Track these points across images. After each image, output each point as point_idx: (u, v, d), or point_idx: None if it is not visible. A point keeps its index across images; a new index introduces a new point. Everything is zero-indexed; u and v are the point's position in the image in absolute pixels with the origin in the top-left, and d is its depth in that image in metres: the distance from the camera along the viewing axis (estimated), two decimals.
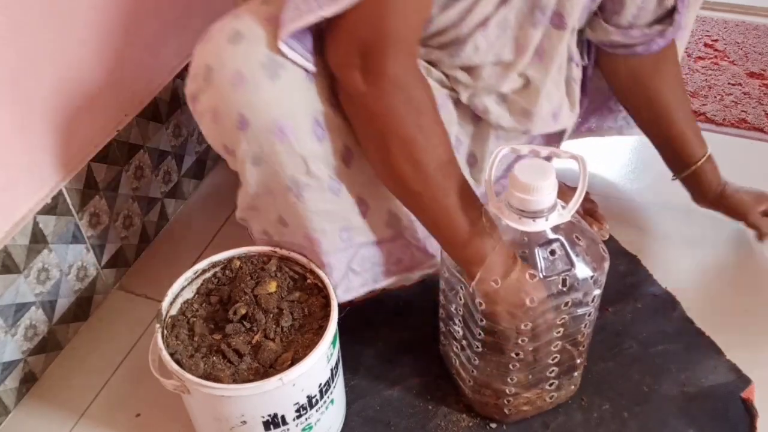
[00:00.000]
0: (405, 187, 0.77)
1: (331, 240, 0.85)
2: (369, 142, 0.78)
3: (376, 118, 0.74)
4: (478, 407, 0.89)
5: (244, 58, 0.75)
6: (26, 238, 0.91)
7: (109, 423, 0.93)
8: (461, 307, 0.81)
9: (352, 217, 0.86)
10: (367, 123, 0.76)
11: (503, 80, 0.88)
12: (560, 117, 0.97)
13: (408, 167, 0.75)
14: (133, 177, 1.09)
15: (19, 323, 0.92)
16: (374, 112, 0.74)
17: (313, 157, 0.80)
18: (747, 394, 0.91)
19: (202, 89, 0.78)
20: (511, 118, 0.93)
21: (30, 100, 0.89)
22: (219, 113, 0.78)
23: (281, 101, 0.76)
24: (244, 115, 0.76)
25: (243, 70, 0.75)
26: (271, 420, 0.76)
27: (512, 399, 0.85)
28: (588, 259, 0.76)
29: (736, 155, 1.32)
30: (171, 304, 0.82)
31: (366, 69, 0.72)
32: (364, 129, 0.77)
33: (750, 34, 1.63)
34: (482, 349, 0.81)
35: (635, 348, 0.97)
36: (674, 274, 1.08)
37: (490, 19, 0.82)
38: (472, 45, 0.84)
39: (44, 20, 0.88)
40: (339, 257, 0.87)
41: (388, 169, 0.77)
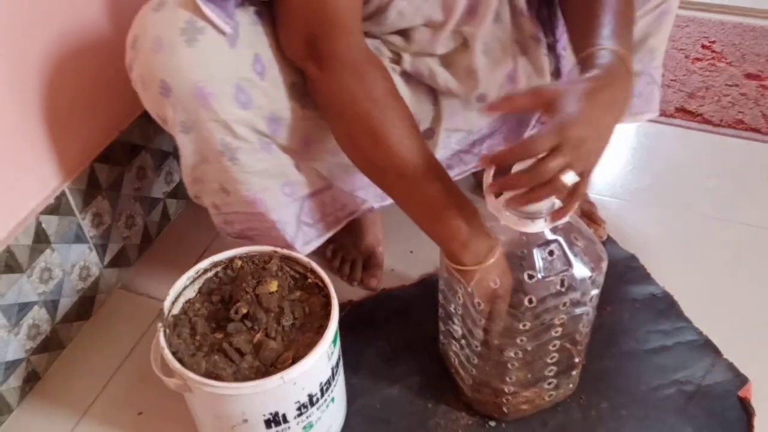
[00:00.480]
0: (369, 162, 0.79)
1: (274, 196, 0.88)
2: (333, 126, 0.80)
3: (332, 100, 0.77)
4: (477, 406, 0.90)
5: (164, 24, 0.76)
6: (29, 237, 0.91)
7: (112, 421, 0.93)
8: (460, 306, 0.82)
9: (289, 172, 0.89)
10: (327, 107, 0.78)
11: (436, 41, 0.87)
12: (518, 80, 0.93)
13: (368, 142, 0.77)
14: (136, 177, 1.09)
15: (22, 322, 0.93)
16: (329, 94, 0.77)
17: (237, 123, 0.80)
18: (744, 392, 0.92)
19: (132, 59, 0.79)
20: (456, 81, 0.91)
21: (32, 100, 0.90)
22: (145, 80, 0.79)
23: (199, 66, 0.76)
24: (165, 80, 0.77)
25: (162, 36, 0.75)
26: (272, 418, 0.77)
27: (511, 398, 0.86)
28: (586, 259, 0.77)
29: (734, 156, 1.32)
30: (173, 304, 0.82)
31: (316, 56, 0.75)
32: (326, 113, 0.80)
33: (747, 35, 1.63)
34: (481, 348, 0.81)
35: (633, 347, 0.98)
36: (672, 274, 1.08)
37: None
38: (395, 11, 0.83)
39: (45, 21, 0.89)
40: (287, 212, 0.89)
41: (351, 145, 0.79)
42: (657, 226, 1.18)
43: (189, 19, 0.75)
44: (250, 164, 0.84)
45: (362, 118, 0.76)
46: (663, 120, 1.40)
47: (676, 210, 1.21)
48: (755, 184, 1.26)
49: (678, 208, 1.21)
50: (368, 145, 0.77)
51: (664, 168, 1.30)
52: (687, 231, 1.17)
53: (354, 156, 0.81)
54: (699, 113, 1.42)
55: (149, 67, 0.77)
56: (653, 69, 1.02)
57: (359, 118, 0.76)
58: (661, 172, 1.29)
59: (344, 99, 0.76)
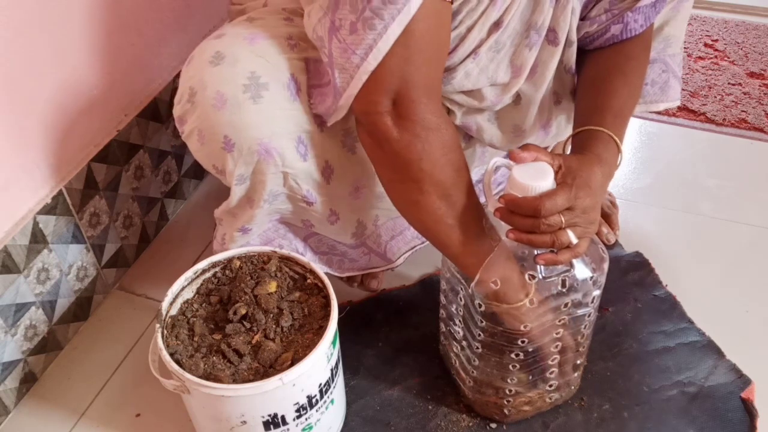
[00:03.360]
0: (438, 222, 0.76)
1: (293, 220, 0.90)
2: (397, 185, 0.78)
3: (411, 164, 0.73)
4: (478, 407, 0.89)
5: (225, 80, 0.76)
6: (26, 238, 0.91)
7: (109, 423, 0.93)
8: (461, 307, 0.81)
9: (320, 222, 0.90)
10: (399, 168, 0.75)
11: (500, 102, 0.88)
12: (550, 129, 0.96)
13: (444, 205, 0.75)
14: (133, 177, 1.09)
15: (19, 323, 0.92)
16: (409, 158, 0.73)
17: (295, 174, 0.82)
18: (747, 394, 0.91)
19: (187, 111, 0.80)
20: (502, 137, 0.93)
21: (30, 100, 0.89)
22: (204, 135, 0.79)
23: (265, 122, 0.77)
24: (228, 136, 0.77)
25: (224, 92, 0.76)
26: (271, 420, 0.76)
27: (512, 399, 0.85)
28: (587, 260, 0.76)
29: (736, 155, 1.32)
30: (171, 304, 0.82)
31: (398, 115, 0.72)
32: (393, 173, 0.77)
33: (750, 34, 1.63)
34: (482, 350, 0.81)
35: (635, 348, 0.97)
36: (675, 275, 1.08)
37: (482, 45, 0.82)
38: (463, 72, 0.83)
39: (44, 20, 0.88)
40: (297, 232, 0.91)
41: (421, 208, 0.76)
42: (659, 226, 1.17)
43: (251, 75, 0.76)
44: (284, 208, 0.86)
45: (443, 183, 0.74)
46: (665, 119, 1.39)
47: (678, 210, 1.20)
48: (758, 183, 1.25)
49: (680, 207, 1.21)
50: (443, 207, 0.75)
51: (666, 167, 1.29)
52: (689, 231, 1.16)
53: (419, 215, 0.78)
54: (701, 112, 1.42)
55: (211, 123, 0.77)
56: (668, 57, 1.00)
57: (440, 183, 0.74)
58: (663, 171, 1.29)
59: (424, 164, 0.73)
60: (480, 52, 0.82)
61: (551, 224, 0.69)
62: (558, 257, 0.72)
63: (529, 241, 0.71)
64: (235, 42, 0.78)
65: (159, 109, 1.12)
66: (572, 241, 0.71)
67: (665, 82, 1.02)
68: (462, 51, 0.81)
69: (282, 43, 0.80)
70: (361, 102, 0.73)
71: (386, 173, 0.78)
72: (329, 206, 0.88)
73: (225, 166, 0.81)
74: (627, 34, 0.87)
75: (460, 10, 0.78)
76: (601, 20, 0.86)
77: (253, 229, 0.89)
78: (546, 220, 0.69)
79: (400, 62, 0.70)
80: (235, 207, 0.87)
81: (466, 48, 0.81)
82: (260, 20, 0.83)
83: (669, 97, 1.04)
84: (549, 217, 0.69)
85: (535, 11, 0.81)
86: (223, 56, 0.76)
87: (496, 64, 0.84)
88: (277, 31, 0.81)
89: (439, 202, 0.75)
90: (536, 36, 0.83)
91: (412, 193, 0.76)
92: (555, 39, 0.85)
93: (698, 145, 1.34)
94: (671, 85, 1.03)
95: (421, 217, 0.78)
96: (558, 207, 0.69)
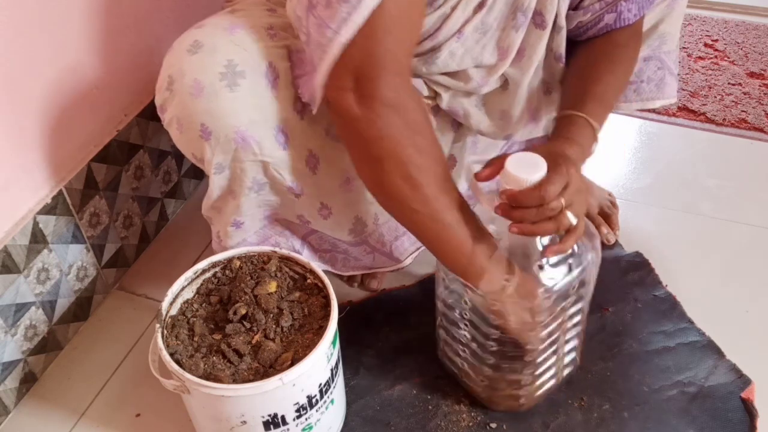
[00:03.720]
0: (402, 206, 0.76)
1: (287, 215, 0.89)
2: (363, 165, 0.77)
3: (372, 142, 0.72)
4: (494, 404, 0.89)
5: (203, 68, 0.76)
6: (26, 238, 0.91)
7: (109, 423, 0.93)
8: (467, 311, 0.81)
9: (313, 216, 0.89)
10: (363, 147, 0.74)
11: (486, 84, 0.88)
12: (540, 119, 0.95)
13: (406, 187, 0.73)
14: (133, 177, 1.09)
15: (19, 323, 0.92)
16: (370, 135, 0.72)
17: (275, 163, 0.81)
18: (747, 394, 0.91)
19: (167, 100, 0.80)
20: (490, 123, 0.92)
21: (29, 100, 0.89)
22: (182, 123, 0.79)
23: (242, 110, 0.77)
24: (205, 124, 0.77)
25: (201, 80, 0.76)
26: (271, 420, 0.76)
27: (529, 386, 0.86)
28: (584, 239, 0.77)
29: (736, 155, 1.32)
30: (171, 304, 0.82)
31: (360, 93, 0.71)
32: (359, 152, 0.76)
33: (750, 34, 1.63)
34: (497, 347, 0.81)
35: (635, 348, 0.97)
36: (675, 275, 1.08)
37: (467, 24, 0.81)
38: (447, 51, 0.83)
39: (44, 20, 0.88)
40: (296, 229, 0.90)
41: (385, 189, 0.76)
42: (659, 226, 1.17)
43: (228, 63, 0.76)
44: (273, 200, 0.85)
45: (403, 164, 0.73)
46: (665, 119, 1.39)
47: (678, 210, 1.20)
48: (758, 183, 1.25)
49: (680, 207, 1.21)
50: (406, 189, 0.74)
51: (666, 167, 1.29)
52: (689, 231, 1.16)
53: (385, 197, 0.78)
54: (701, 112, 1.42)
55: (188, 110, 0.77)
56: (663, 54, 1.00)
57: (399, 163, 0.73)
58: (663, 171, 1.29)
59: (385, 143, 0.72)
60: (465, 32, 0.81)
61: (554, 208, 0.70)
62: (563, 245, 0.73)
63: (532, 231, 0.71)
64: (214, 32, 0.78)
65: None
66: (572, 222, 0.72)
67: (661, 79, 1.02)
68: (446, 30, 0.81)
69: (261, 32, 0.79)
70: (328, 79, 0.72)
71: (353, 153, 0.77)
72: (319, 199, 0.87)
73: (203, 155, 0.80)
74: (620, 23, 0.87)
75: None
76: (594, 9, 0.86)
77: (246, 222, 0.89)
78: (549, 206, 0.69)
79: (363, 39, 0.68)
80: (217, 200, 0.87)
81: (450, 27, 0.81)
82: (242, 11, 0.83)
83: (665, 94, 1.03)
84: (551, 202, 0.70)
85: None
86: (201, 45, 0.77)
87: (482, 45, 0.84)
88: (258, 21, 0.81)
89: (401, 182, 0.73)
90: (522, 17, 0.82)
91: (376, 173, 0.75)
92: (542, 22, 0.84)
93: (698, 145, 1.34)
94: (667, 82, 1.03)
95: (387, 202, 0.77)
96: (558, 190, 0.70)
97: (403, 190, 0.74)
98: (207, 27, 0.79)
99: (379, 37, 0.69)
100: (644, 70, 1.00)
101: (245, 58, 0.77)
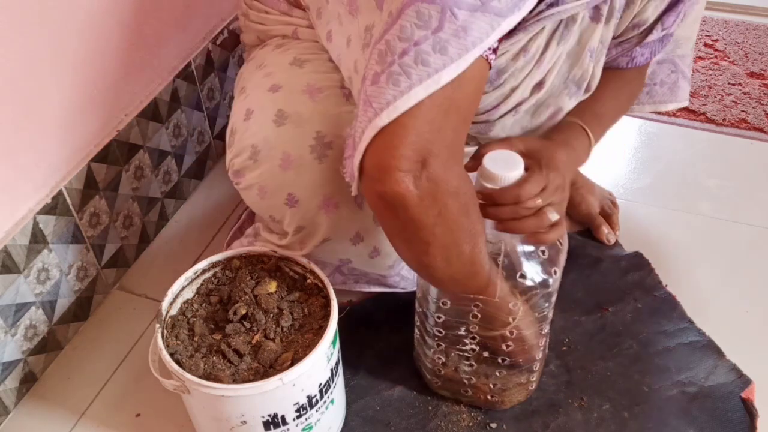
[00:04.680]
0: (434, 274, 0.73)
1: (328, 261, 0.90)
2: (405, 245, 0.72)
3: (423, 228, 0.66)
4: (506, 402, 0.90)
5: (292, 141, 0.77)
6: (26, 238, 0.91)
7: (109, 423, 0.93)
8: (475, 324, 0.81)
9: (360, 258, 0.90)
10: (411, 231, 0.68)
11: None
12: None
13: (444, 265, 0.70)
14: (133, 177, 1.09)
15: (19, 323, 0.92)
16: (423, 222, 0.66)
17: (349, 221, 0.83)
18: (747, 394, 0.91)
19: (248, 167, 0.81)
20: None
21: (29, 99, 0.89)
22: (267, 191, 0.81)
23: (331, 179, 0.78)
24: (293, 194, 0.79)
25: (291, 153, 0.77)
26: (271, 420, 0.76)
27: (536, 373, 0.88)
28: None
29: (736, 155, 1.32)
30: (171, 304, 0.81)
31: (422, 176, 0.64)
32: (404, 235, 0.70)
33: (750, 34, 1.63)
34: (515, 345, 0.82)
35: (635, 348, 0.97)
36: (675, 275, 1.08)
37: (523, 104, 0.81)
38: (500, 126, 0.83)
39: (43, 20, 0.88)
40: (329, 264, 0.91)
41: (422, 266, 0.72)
42: (659, 226, 1.17)
43: (317, 135, 0.77)
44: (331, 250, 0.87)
45: (449, 248, 0.69)
46: (665, 119, 1.39)
47: (678, 210, 1.20)
48: (758, 183, 1.25)
49: (680, 207, 1.21)
50: (443, 266, 0.71)
51: (666, 167, 1.29)
52: (689, 231, 1.16)
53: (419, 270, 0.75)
54: (701, 112, 1.41)
55: (276, 181, 0.79)
56: (677, 57, 1.01)
57: (447, 247, 0.68)
58: (663, 171, 1.29)
59: (438, 230, 0.67)
60: (520, 110, 0.82)
61: (530, 207, 0.72)
62: (546, 236, 0.74)
63: (513, 228, 0.73)
64: (294, 97, 0.79)
65: (159, 109, 1.12)
66: (552, 219, 0.73)
67: (674, 83, 1.02)
68: (503, 108, 0.81)
69: (337, 93, 0.81)
70: (379, 156, 0.64)
71: (396, 235, 0.71)
72: (374, 244, 0.88)
73: (284, 218, 0.83)
74: (631, 65, 0.90)
75: (506, 69, 0.77)
76: (611, 53, 0.87)
77: None
78: (525, 204, 0.71)
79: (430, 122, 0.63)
80: (285, 246, 0.87)
81: (508, 106, 0.81)
82: (309, 63, 0.84)
83: (678, 98, 1.04)
84: (528, 201, 0.71)
85: (575, 67, 0.82)
86: (287, 115, 0.78)
87: (532, 115, 0.84)
88: (330, 79, 0.82)
89: (443, 263, 0.70)
90: (575, 87, 0.83)
91: (416, 253, 0.71)
92: (589, 88, 0.86)
93: (698, 145, 1.34)
94: (680, 86, 1.03)
95: (420, 272, 0.76)
96: (535, 190, 0.72)
97: (440, 268, 0.71)
98: (285, 91, 0.80)
99: (447, 121, 0.64)
100: (657, 72, 1.01)
101: (331, 127, 0.78)
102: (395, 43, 0.62)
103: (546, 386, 0.93)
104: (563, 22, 0.77)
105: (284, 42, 0.90)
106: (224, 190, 1.26)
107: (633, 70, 0.91)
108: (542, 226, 0.73)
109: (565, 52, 0.80)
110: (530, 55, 0.76)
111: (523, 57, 0.76)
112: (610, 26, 0.81)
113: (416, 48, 0.61)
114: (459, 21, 0.60)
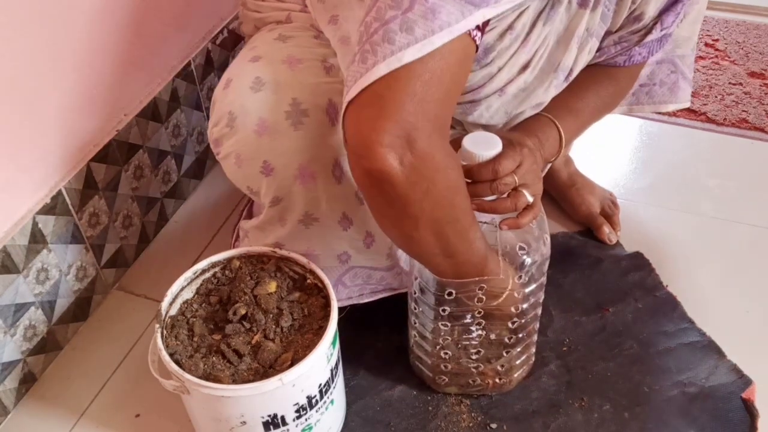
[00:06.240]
0: (425, 254, 0.74)
1: (327, 259, 0.88)
2: (392, 222, 0.71)
3: (411, 203, 0.66)
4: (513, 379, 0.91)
5: (267, 107, 0.77)
6: (25, 238, 0.90)
7: (109, 423, 0.92)
8: (481, 309, 0.81)
9: (356, 248, 0.88)
10: (398, 207, 0.67)
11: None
12: None
13: (434, 240, 0.71)
14: (133, 177, 1.09)
15: (19, 323, 0.92)
16: (411, 197, 0.66)
17: (330, 197, 0.82)
18: (748, 394, 0.91)
19: (225, 135, 0.80)
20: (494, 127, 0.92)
21: (29, 100, 0.89)
22: (243, 159, 0.80)
23: (305, 148, 0.78)
24: (268, 161, 0.78)
25: (266, 118, 0.77)
26: (270, 420, 0.76)
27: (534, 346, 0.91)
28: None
29: (737, 155, 1.32)
30: (170, 305, 0.81)
31: (407, 152, 0.63)
32: (391, 211, 0.69)
33: (751, 33, 1.63)
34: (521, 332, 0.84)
35: (636, 348, 0.97)
36: (675, 275, 1.08)
37: (510, 84, 0.81)
38: (485, 105, 0.83)
39: (43, 20, 0.88)
40: (331, 272, 0.89)
41: (412, 243, 0.72)
42: (659, 226, 1.17)
43: (293, 102, 0.77)
44: (323, 234, 0.85)
45: (439, 222, 0.69)
46: (665, 119, 1.39)
47: (678, 210, 1.20)
48: (759, 183, 1.25)
49: (680, 207, 1.20)
50: (433, 242, 0.71)
51: (667, 167, 1.29)
52: (690, 231, 1.16)
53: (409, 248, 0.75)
54: (702, 112, 1.41)
55: (251, 147, 0.79)
56: (677, 57, 1.00)
57: (436, 221, 0.69)
58: (664, 171, 1.28)
59: (425, 204, 0.67)
60: (507, 91, 0.82)
61: (507, 183, 0.74)
62: (520, 220, 0.77)
63: (492, 209, 0.75)
64: (274, 67, 0.79)
65: (158, 109, 1.12)
66: (528, 200, 0.76)
67: (674, 83, 1.02)
68: (489, 88, 0.81)
69: (318, 66, 0.80)
70: (360, 131, 0.64)
71: (382, 212, 0.71)
72: (365, 228, 0.87)
73: (260, 189, 0.82)
74: (628, 63, 0.89)
75: (493, 48, 0.77)
76: (610, 52, 0.87)
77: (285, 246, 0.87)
78: (502, 180, 0.73)
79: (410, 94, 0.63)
80: (264, 223, 0.86)
81: (494, 86, 0.81)
82: (292, 39, 0.83)
83: (678, 99, 1.04)
84: (504, 177, 0.74)
85: (560, 51, 0.82)
86: (264, 82, 0.78)
87: (519, 100, 0.84)
88: (312, 53, 0.81)
89: (432, 238, 0.70)
90: (562, 74, 0.83)
91: (405, 228, 0.71)
92: (570, 76, 0.85)
93: (699, 145, 1.34)
94: (681, 87, 1.03)
95: (410, 250, 0.76)
96: (511, 166, 0.74)
97: (430, 243, 0.71)
98: (264, 61, 0.80)
99: (436, 94, 0.64)
100: (656, 72, 1.00)
101: (307, 95, 0.78)
102: (372, 24, 0.65)
103: (546, 386, 0.93)
104: (549, 3, 0.77)
105: (276, 27, 0.90)
106: (224, 190, 1.26)
107: (624, 68, 0.90)
108: (518, 207, 0.75)
109: (552, 35, 0.80)
110: (515, 33, 0.77)
111: (509, 35, 0.77)
112: (596, 14, 0.80)
113: (385, 27, 0.63)
114: (429, 3, 0.62)
